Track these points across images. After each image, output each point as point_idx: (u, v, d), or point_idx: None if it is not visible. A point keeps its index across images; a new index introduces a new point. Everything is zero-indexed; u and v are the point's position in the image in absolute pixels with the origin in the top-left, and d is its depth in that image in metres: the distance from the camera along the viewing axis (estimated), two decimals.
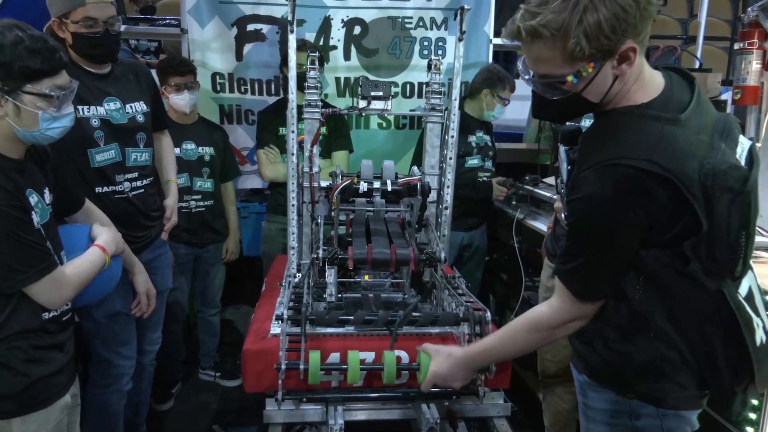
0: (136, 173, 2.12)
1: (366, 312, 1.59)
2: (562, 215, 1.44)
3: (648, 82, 1.19)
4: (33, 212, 1.43)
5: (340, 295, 2.01)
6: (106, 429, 2.18)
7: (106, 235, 1.70)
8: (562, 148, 2.19)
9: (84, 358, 2.23)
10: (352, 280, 2.19)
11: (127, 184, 2.09)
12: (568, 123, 2.35)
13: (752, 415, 1.69)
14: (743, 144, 1.21)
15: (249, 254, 3.52)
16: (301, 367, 1.44)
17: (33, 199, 1.46)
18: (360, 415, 1.76)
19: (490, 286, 3.68)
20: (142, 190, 2.15)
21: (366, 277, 2.23)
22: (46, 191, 1.55)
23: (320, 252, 1.68)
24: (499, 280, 3.55)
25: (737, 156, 1.17)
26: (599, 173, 1.13)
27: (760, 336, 1.22)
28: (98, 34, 1.95)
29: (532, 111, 1.38)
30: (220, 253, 3.12)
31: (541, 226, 2.96)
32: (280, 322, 1.53)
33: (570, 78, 1.11)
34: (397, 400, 1.73)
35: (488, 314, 1.55)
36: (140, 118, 2.13)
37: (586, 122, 2.04)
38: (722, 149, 1.14)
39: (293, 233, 2.16)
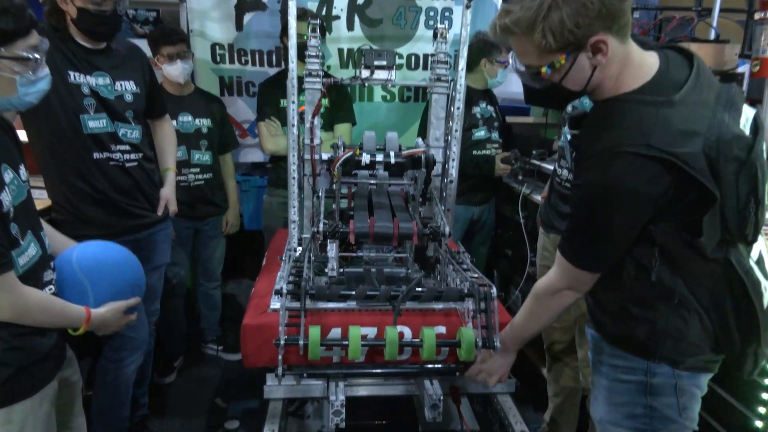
0: (128, 147, 2.07)
1: (368, 287, 1.55)
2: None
3: (639, 67, 1.22)
4: (4, 191, 1.29)
5: (341, 270, 1.97)
6: (116, 402, 2.17)
7: (104, 313, 1.55)
8: (567, 134, 2.15)
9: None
10: (354, 254, 2.15)
11: (119, 155, 2.05)
12: (574, 107, 2.30)
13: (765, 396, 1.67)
14: (747, 114, 1.22)
15: (250, 228, 3.49)
16: (301, 342, 1.41)
17: (8, 175, 1.32)
18: (362, 391, 1.74)
19: (494, 261, 3.64)
20: (135, 164, 2.10)
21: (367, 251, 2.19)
22: (22, 168, 1.40)
23: (321, 226, 1.63)
24: (503, 256, 3.52)
25: (741, 126, 1.19)
26: (599, 161, 1.18)
27: (767, 300, 1.28)
28: (106, 12, 1.90)
29: (524, 97, 1.47)
30: (220, 226, 3.09)
31: None
32: (279, 296, 1.49)
33: (544, 69, 1.20)
34: (400, 376, 1.71)
35: (493, 290, 1.51)
36: (129, 98, 2.08)
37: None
38: (725, 121, 1.16)
39: (294, 207, 2.12)
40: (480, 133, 3.14)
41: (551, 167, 3.00)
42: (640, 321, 1.30)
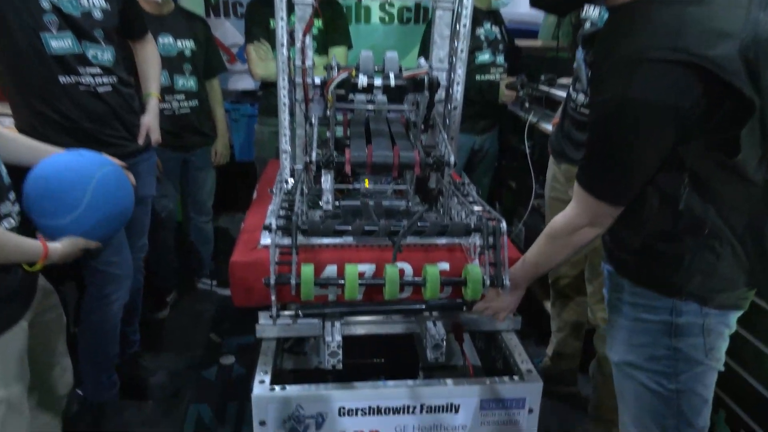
0: (99, 70, 1.88)
1: (366, 221, 1.43)
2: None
3: None
4: None
5: (337, 203, 1.84)
6: (104, 340, 2.09)
7: (62, 248, 1.41)
8: (579, 53, 1.96)
9: (77, 271, 2.12)
10: (350, 186, 2.01)
11: (90, 79, 1.86)
12: (592, 24, 2.09)
13: None
14: None
15: (241, 159, 3.33)
16: (293, 281, 1.30)
17: None
18: (359, 330, 1.65)
19: (497, 193, 3.52)
20: (109, 89, 1.92)
21: (366, 182, 2.05)
22: None
23: (314, 155, 1.48)
24: (507, 187, 3.39)
25: None
26: (618, 73, 1.05)
27: None
28: None
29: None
30: (208, 157, 2.93)
31: None
32: (269, 232, 1.36)
33: None
34: (400, 314, 1.61)
35: (503, 224, 1.39)
36: (97, 15, 1.86)
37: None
38: (761, 20, 1.03)
39: (285, 135, 1.95)
40: (484, 57, 2.94)
41: (560, 93, 2.82)
42: (666, 257, 1.18)
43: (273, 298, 1.40)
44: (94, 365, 2.10)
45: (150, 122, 2.11)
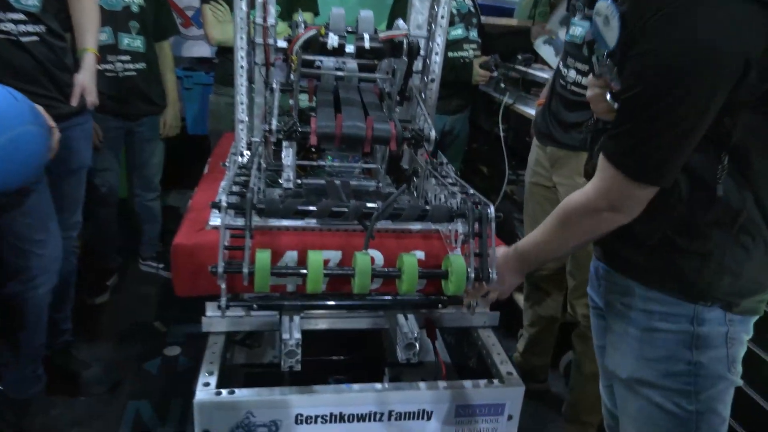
0: (23, 15, 1.61)
1: (333, 201, 1.23)
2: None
3: None
4: None
5: (299, 181, 1.64)
6: (28, 330, 1.83)
7: None
8: (577, 25, 1.79)
9: None
10: (314, 163, 1.81)
11: (11, 25, 1.59)
12: None
13: None
14: None
15: (194, 132, 3.07)
16: (245, 270, 1.09)
17: None
18: (321, 324, 1.46)
19: (467, 178, 3.37)
20: (36, 39, 1.65)
21: (329, 158, 1.85)
22: None
23: (274, 123, 1.28)
24: (478, 172, 3.24)
25: None
26: (667, 15, 0.86)
27: None
28: None
29: None
30: (156, 127, 2.66)
31: (533, 111, 2.59)
32: (218, 211, 1.15)
33: None
34: (367, 308, 1.43)
35: (491, 209, 1.21)
36: None
37: None
38: None
39: (242, 104, 1.73)
40: (457, 32, 2.76)
41: (539, 74, 2.67)
42: (689, 254, 1.02)
43: (223, 287, 1.19)
44: (17, 358, 1.85)
45: (85, 81, 1.84)
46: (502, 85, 2.82)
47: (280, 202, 1.17)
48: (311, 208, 1.18)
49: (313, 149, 1.95)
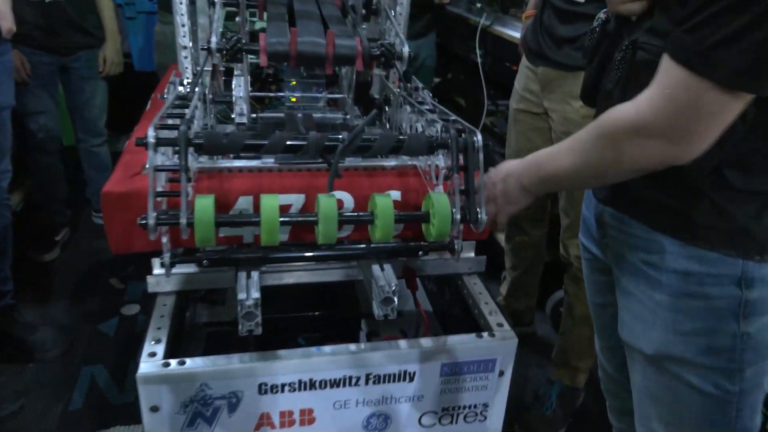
0: None
1: (289, 134, 1.01)
2: None
3: None
4: None
5: (254, 115, 1.42)
6: None
7: None
8: None
9: None
10: (272, 94, 1.58)
11: None
12: None
13: None
14: None
15: (142, 69, 2.77)
16: (182, 221, 0.89)
17: None
18: (287, 279, 1.28)
19: None
20: None
21: (293, 99, 1.62)
22: None
23: (213, 41, 1.04)
24: (453, 104, 3.01)
25: None
26: None
27: None
28: None
29: None
30: (95, 63, 2.36)
31: (514, 32, 2.36)
32: (147, 149, 0.93)
33: None
34: (338, 259, 1.25)
35: (478, 136, 1.02)
36: None
37: None
38: None
39: (183, 25, 1.47)
40: None
41: None
42: (746, 195, 0.82)
43: (164, 242, 0.99)
44: None
45: None
46: (478, 5, 2.57)
47: (223, 136, 0.95)
48: (263, 142, 0.96)
49: (271, 79, 1.72)
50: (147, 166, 0.91)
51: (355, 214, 1.08)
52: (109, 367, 1.93)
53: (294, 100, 1.64)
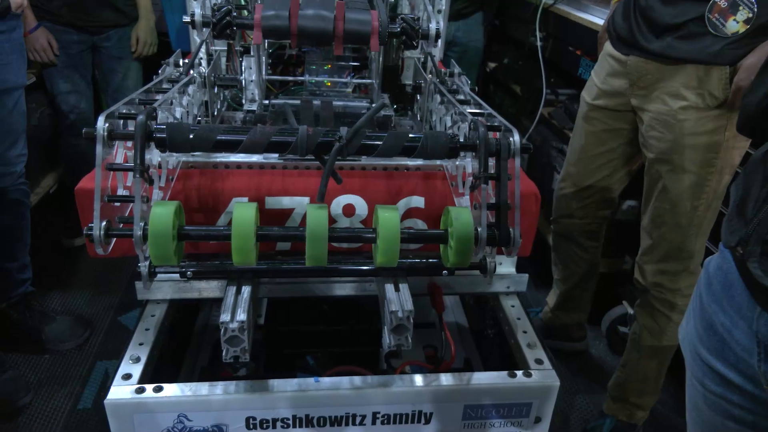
0: None
1: (274, 128, 0.82)
2: None
3: None
4: None
5: (267, 101, 1.25)
6: None
7: None
8: None
9: None
10: (290, 78, 1.41)
11: None
12: None
13: None
14: None
15: (181, 49, 2.65)
16: (137, 233, 0.72)
17: None
18: (283, 292, 1.11)
19: (492, 101, 2.89)
20: None
21: (327, 83, 1.44)
22: None
23: (196, 12, 0.87)
24: (508, 92, 2.76)
25: None
26: None
27: None
28: None
29: None
30: (127, 43, 2.25)
31: (581, 13, 2.09)
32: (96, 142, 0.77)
33: None
34: (346, 274, 1.07)
35: (515, 137, 0.80)
36: None
37: None
38: None
39: None
40: None
41: None
42: None
43: (139, 251, 0.83)
44: None
45: None
46: None
47: (191, 129, 0.78)
48: (238, 138, 0.78)
49: (294, 61, 1.55)
50: (96, 163, 0.75)
51: (355, 229, 0.89)
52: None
53: (328, 84, 1.46)
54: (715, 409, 0.76)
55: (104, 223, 0.72)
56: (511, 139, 0.80)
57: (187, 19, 0.92)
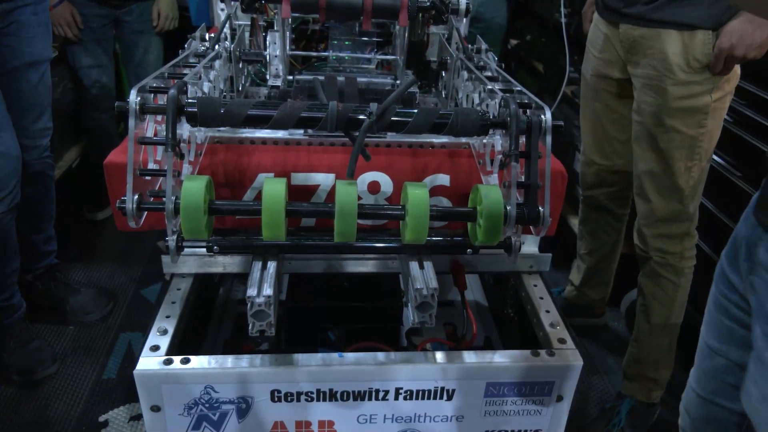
0: None
1: (304, 103, 0.82)
2: None
3: None
4: None
5: (291, 77, 1.25)
6: None
7: None
8: None
9: None
10: (314, 54, 1.40)
11: None
12: None
13: None
14: None
15: (199, 23, 2.63)
16: (168, 206, 0.73)
17: None
18: (314, 267, 1.12)
19: (513, 78, 2.85)
20: None
21: (350, 59, 1.43)
22: None
23: None
24: (530, 70, 2.72)
25: None
26: None
27: None
28: None
29: None
30: (148, 17, 2.25)
31: None
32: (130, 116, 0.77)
33: None
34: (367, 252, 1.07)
35: (547, 114, 0.79)
36: None
37: None
38: None
39: None
40: None
41: None
42: None
43: (170, 225, 0.83)
44: None
45: None
46: None
47: (222, 103, 0.78)
48: (269, 112, 0.78)
49: (317, 36, 1.54)
50: (128, 136, 0.75)
51: (383, 206, 0.89)
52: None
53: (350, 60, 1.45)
54: (719, 308, 0.92)
55: (136, 196, 0.73)
56: (542, 116, 0.80)
57: None
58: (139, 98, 0.74)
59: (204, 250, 1.06)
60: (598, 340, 1.95)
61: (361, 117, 0.78)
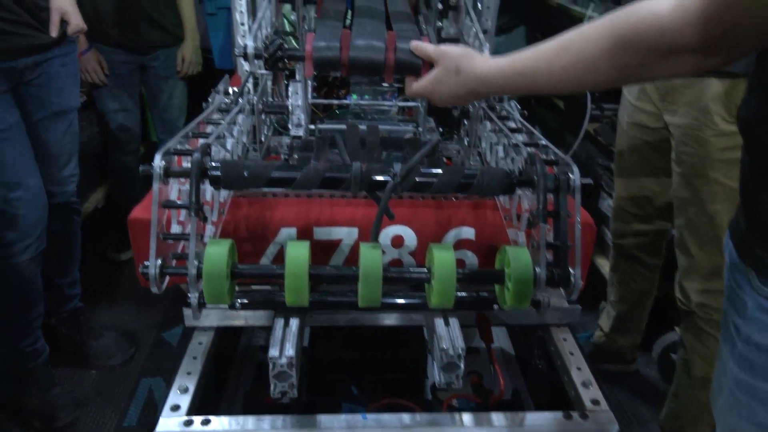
0: None
1: (327, 164, 0.81)
2: None
3: None
4: None
5: (313, 126, 1.25)
6: (14, 302, 1.59)
7: None
8: None
9: None
10: (335, 101, 1.40)
11: None
12: None
13: None
14: None
15: (223, 66, 2.68)
16: (191, 271, 0.72)
17: None
18: (338, 320, 1.10)
19: (533, 116, 2.83)
20: None
21: (353, 96, 1.43)
22: None
23: (248, 43, 0.87)
24: (550, 107, 2.70)
25: None
26: None
27: None
28: None
29: None
30: (173, 62, 2.29)
31: None
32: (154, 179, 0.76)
33: None
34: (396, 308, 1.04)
35: (575, 173, 0.77)
36: None
37: None
38: None
39: (242, 24, 1.33)
40: None
41: None
42: None
43: (191, 288, 0.82)
44: (10, 331, 1.61)
45: (65, 5, 1.48)
46: None
47: (246, 166, 0.77)
48: (292, 174, 0.77)
49: (338, 83, 1.54)
50: (153, 200, 0.74)
51: (409, 270, 0.86)
52: (168, 381, 1.84)
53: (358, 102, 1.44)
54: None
55: (159, 261, 0.72)
56: (570, 174, 0.77)
57: (239, 52, 0.92)
58: (163, 162, 0.74)
59: (195, 315, 1.05)
60: (630, 388, 1.88)
61: (385, 178, 0.77)
